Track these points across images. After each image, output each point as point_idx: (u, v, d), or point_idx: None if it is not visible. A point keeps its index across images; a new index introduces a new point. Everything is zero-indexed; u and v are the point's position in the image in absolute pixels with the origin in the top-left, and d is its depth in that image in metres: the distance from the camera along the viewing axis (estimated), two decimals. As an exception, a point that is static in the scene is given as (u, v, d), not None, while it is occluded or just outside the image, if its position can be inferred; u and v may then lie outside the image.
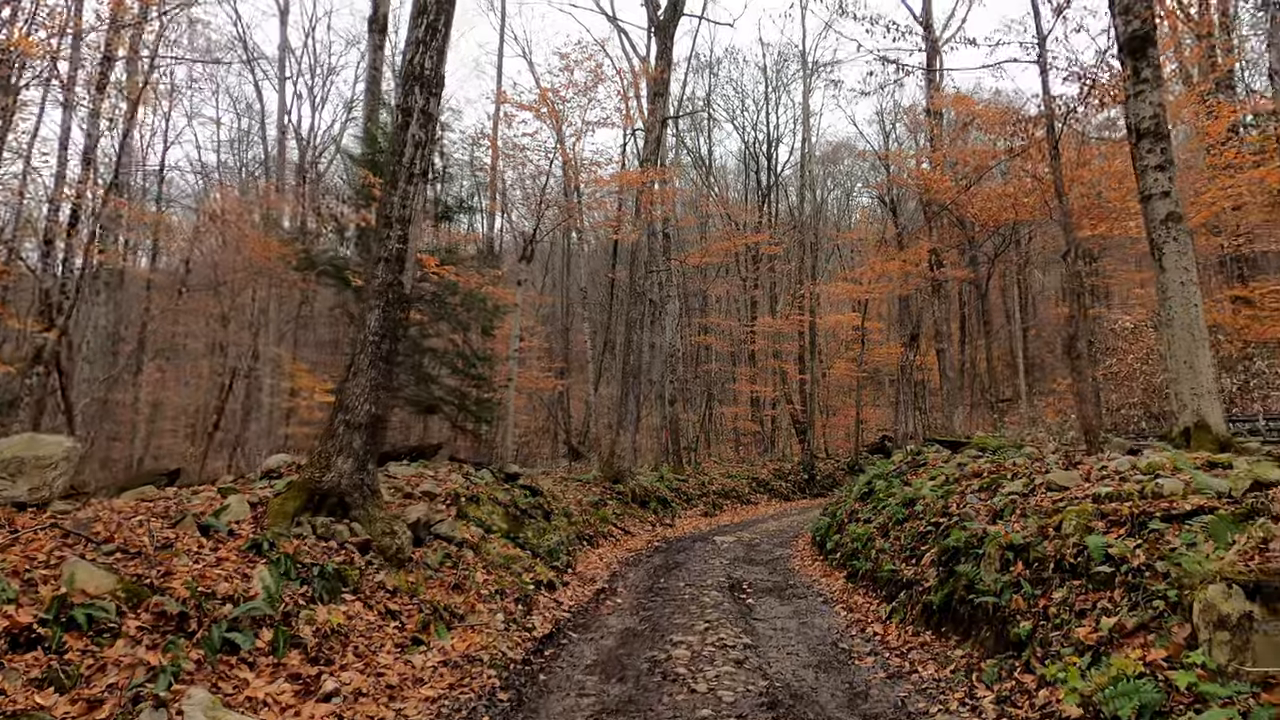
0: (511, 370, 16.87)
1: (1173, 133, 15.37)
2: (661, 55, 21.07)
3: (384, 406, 7.49)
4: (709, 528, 18.91)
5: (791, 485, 27.60)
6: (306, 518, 6.75)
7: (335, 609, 5.77)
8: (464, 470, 11.90)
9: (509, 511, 10.57)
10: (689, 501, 21.84)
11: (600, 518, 15.84)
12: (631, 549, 14.97)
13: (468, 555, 8.19)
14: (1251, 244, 16.74)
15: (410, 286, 7.72)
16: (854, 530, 11.21)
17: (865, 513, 11.66)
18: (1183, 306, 7.16)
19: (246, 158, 35.63)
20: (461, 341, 15.45)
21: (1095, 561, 5.06)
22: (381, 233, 7.57)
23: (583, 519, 14.82)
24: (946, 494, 8.98)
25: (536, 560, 10.11)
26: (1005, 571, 5.95)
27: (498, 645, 6.41)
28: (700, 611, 8.76)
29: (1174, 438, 7.19)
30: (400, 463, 11.64)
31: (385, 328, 7.44)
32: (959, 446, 12.71)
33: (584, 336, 27.11)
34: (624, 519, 17.60)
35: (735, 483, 25.20)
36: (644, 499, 19.43)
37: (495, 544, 9.29)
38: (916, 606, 7.17)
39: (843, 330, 35.55)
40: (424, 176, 7.74)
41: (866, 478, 13.84)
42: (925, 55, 23.12)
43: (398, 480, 9.97)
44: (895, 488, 11.55)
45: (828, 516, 14.19)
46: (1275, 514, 4.50)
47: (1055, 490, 6.74)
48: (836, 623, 8.13)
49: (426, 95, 7.72)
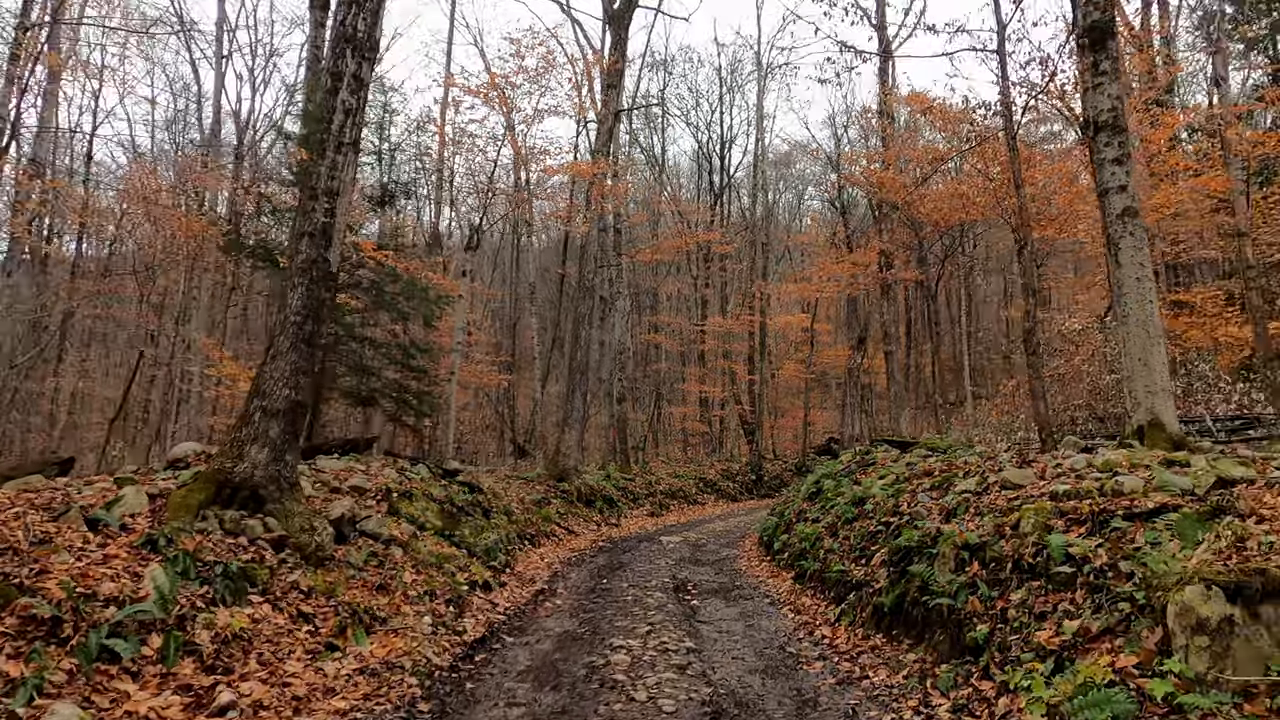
0: (454, 364, 16.28)
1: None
2: (615, 46, 20.68)
3: (306, 392, 6.92)
4: (655, 528, 18.57)
5: (739, 486, 27.45)
6: (214, 512, 6.17)
7: (239, 612, 5.23)
8: (399, 465, 11.32)
9: (444, 509, 10.04)
10: (635, 501, 21.47)
11: (543, 516, 15.36)
12: (575, 549, 14.52)
13: (396, 554, 7.66)
14: (1189, 251, 17.08)
15: (337, 264, 7.17)
16: (802, 530, 10.96)
17: (813, 512, 11.42)
18: (1138, 303, 7.04)
19: (183, 140, 34.14)
20: (402, 332, 14.84)
21: (1055, 561, 4.82)
22: (306, 205, 7.01)
23: (525, 518, 14.32)
24: (897, 493, 8.77)
25: (472, 560, 9.61)
26: (960, 572, 5.69)
27: (423, 650, 5.92)
28: (643, 614, 8.38)
29: (1127, 437, 7.06)
30: (331, 456, 11.00)
31: (308, 307, 6.88)
32: (908, 447, 12.58)
33: (531, 332, 26.54)
34: (568, 518, 17.14)
35: (682, 483, 24.92)
36: (589, 498, 18.99)
37: (428, 542, 8.77)
38: (867, 608, 6.89)
39: (792, 332, 35.63)
40: (355, 147, 7.21)
41: (815, 477, 13.65)
42: (879, 59, 23.23)
43: (325, 474, 9.36)
44: (844, 487, 11.35)
45: (775, 516, 13.96)
46: (1242, 511, 4.30)
47: (1010, 489, 6.53)
48: (784, 625, 7.82)
49: (359, 59, 7.19)
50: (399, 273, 13.63)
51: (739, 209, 37.73)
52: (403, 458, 12.52)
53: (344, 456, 11.67)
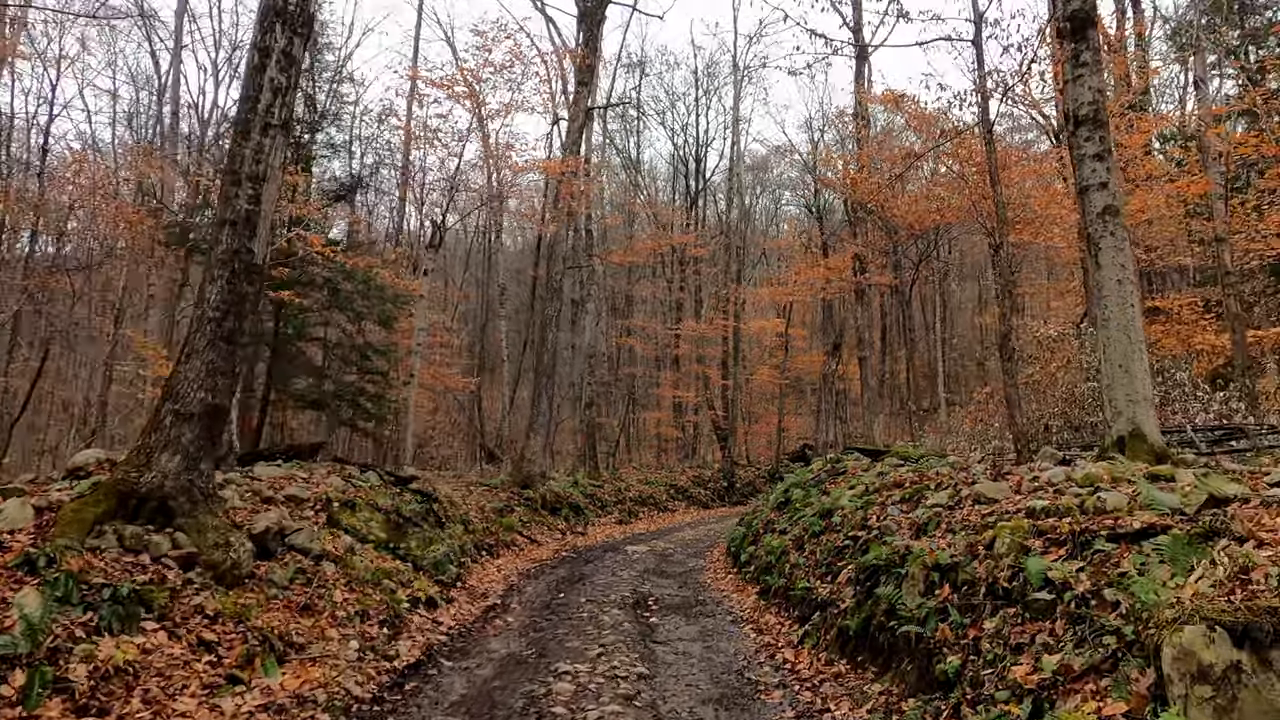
0: (415, 366, 15.66)
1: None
2: (587, 42, 20.20)
3: (224, 394, 6.34)
4: (623, 536, 18.05)
5: (711, 493, 26.99)
6: (114, 526, 5.57)
7: (128, 641, 4.65)
8: (346, 473, 10.72)
9: (390, 519, 9.46)
10: (604, 508, 20.92)
11: (504, 526, 14.78)
12: (536, 559, 13.98)
13: (328, 570, 7.09)
14: (1162, 258, 16.90)
15: (263, 255, 6.60)
16: (769, 542, 10.50)
17: (781, 523, 10.97)
18: (1119, 306, 6.65)
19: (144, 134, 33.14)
20: (357, 333, 14.22)
21: (1033, 587, 4.38)
22: (228, 191, 6.43)
23: (483, 527, 13.74)
24: (866, 505, 8.33)
25: (419, 574, 9.03)
26: (930, 595, 5.24)
27: (343, 681, 5.37)
28: (597, 633, 7.86)
29: (1107, 448, 6.66)
30: (273, 463, 10.39)
31: (228, 302, 6.30)
32: (879, 455, 12.18)
33: (500, 335, 25.93)
34: (531, 527, 16.57)
35: (653, 489, 24.41)
36: (555, 505, 18.43)
37: (368, 556, 8.19)
38: (831, 630, 6.43)
39: (767, 337, 35.29)
40: (284, 129, 6.64)
41: (784, 486, 13.21)
42: (855, 61, 22.98)
43: (260, 483, 8.76)
44: (813, 497, 10.91)
45: (743, 527, 13.50)
46: (1239, 534, 3.87)
47: (984, 503, 6.10)
48: (745, 647, 7.34)
49: (290, 34, 6.63)
50: (355, 271, 13.02)
51: (715, 212, 37.40)
52: (353, 464, 11.91)
53: (289, 463, 11.06)
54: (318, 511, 8.67)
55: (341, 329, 13.78)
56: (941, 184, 15.07)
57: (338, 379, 13.36)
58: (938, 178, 16.56)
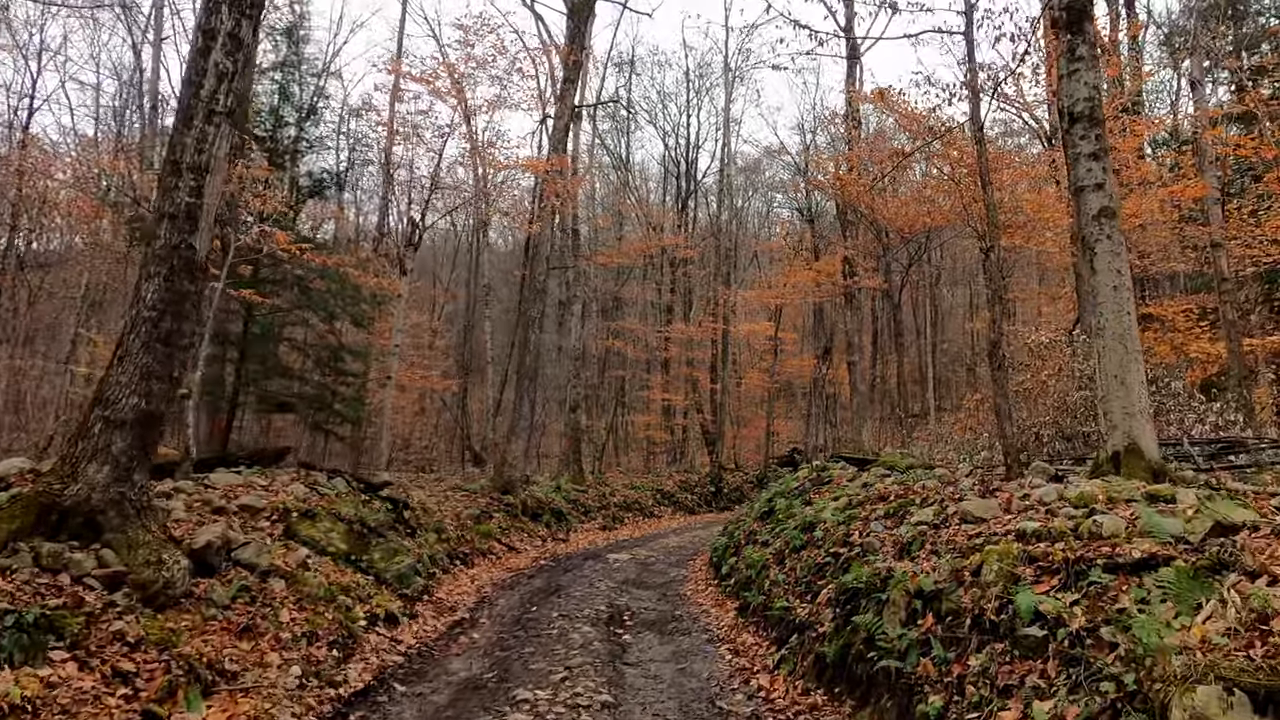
0: (392, 367, 15.22)
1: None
2: (574, 39, 19.79)
3: (159, 400, 5.91)
4: (606, 543, 17.66)
5: (698, 498, 26.61)
6: (33, 543, 5.14)
7: (30, 674, 4.22)
8: (311, 479, 10.28)
9: (353, 529, 9.03)
10: (587, 514, 20.51)
11: (481, 533, 14.36)
12: (513, 568, 13.56)
13: (276, 587, 6.66)
14: (1155, 265, 16.61)
15: (206, 251, 6.17)
16: (750, 555, 10.12)
17: (763, 534, 10.59)
18: (1115, 314, 6.29)
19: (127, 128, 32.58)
20: (329, 333, 13.78)
21: (1023, 621, 4.00)
22: (167, 182, 6.01)
23: (458, 535, 13.31)
24: (849, 519, 7.95)
25: (381, 588, 8.61)
26: (912, 624, 4.86)
27: (276, 713, 4.95)
28: (565, 653, 7.46)
29: (1101, 463, 6.30)
30: (233, 470, 9.94)
31: (166, 302, 5.87)
32: (866, 464, 11.82)
33: (486, 336, 25.48)
34: (511, 534, 16.15)
35: (639, 494, 24.01)
36: (536, 511, 18.02)
37: (325, 570, 7.77)
38: (809, 656, 6.04)
39: (757, 340, 34.92)
40: (229, 117, 6.22)
41: (768, 494, 12.84)
42: (847, 62, 22.67)
43: (213, 492, 8.33)
44: (796, 508, 10.53)
45: (726, 536, 13.12)
46: (1250, 568, 3.50)
47: (971, 522, 5.73)
48: (719, 670, 6.95)
49: (237, 15, 6.21)
50: (328, 269, 12.58)
51: (707, 214, 37.02)
52: (321, 470, 11.46)
53: (251, 469, 10.62)
54: (274, 522, 8.24)
55: (315, 329, 13.33)
56: (932, 186, 14.73)
57: (309, 381, 12.91)
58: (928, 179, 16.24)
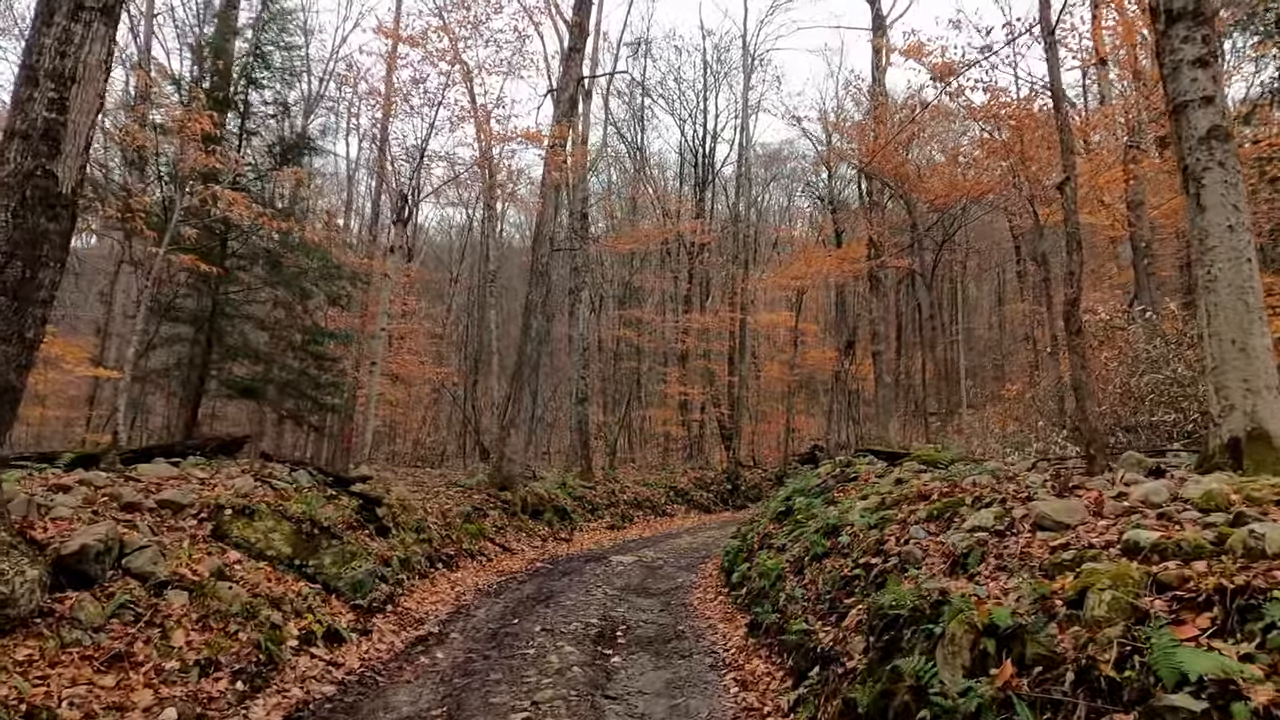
0: (377, 352, 14.01)
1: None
2: (580, 6, 18.52)
3: (8, 368, 4.67)
4: (611, 544, 16.36)
5: (713, 496, 25.21)
6: None
7: None
8: (265, 471, 9.06)
9: (301, 529, 7.77)
10: (594, 512, 19.23)
11: (470, 533, 13.11)
12: (505, 571, 12.31)
13: (174, 602, 5.41)
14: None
15: (74, 183, 4.91)
16: (764, 562, 8.75)
17: (780, 538, 9.23)
18: (1231, 261, 4.88)
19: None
20: (303, 313, 12.57)
21: (1166, 685, 2.63)
22: (21, 93, 4.76)
23: (442, 535, 12.07)
24: (882, 522, 6.57)
25: (330, 598, 7.36)
26: (981, 672, 3.49)
27: (116, 780, 3.69)
28: (537, 680, 6.17)
29: (1212, 454, 4.89)
30: (172, 460, 8.75)
31: (15, 243, 4.63)
32: (897, 459, 10.43)
33: (490, 325, 24.26)
34: (506, 533, 14.90)
35: (651, 491, 22.67)
36: (536, 509, 16.76)
37: (254, 579, 6.52)
38: (834, 700, 4.68)
39: (777, 332, 33.47)
40: (107, 15, 4.96)
41: (786, 492, 11.48)
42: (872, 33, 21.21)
43: (132, 485, 7.13)
44: (817, 508, 9.17)
45: (739, 539, 11.77)
46: None
47: (1050, 529, 4.35)
48: (721, 709, 5.60)
49: (115, -114, 4.95)
50: (300, 243, 11.36)
51: (726, 205, 35.50)
52: (285, 462, 10.26)
53: (199, 459, 9.43)
54: (201, 521, 7.01)
55: (291, 310, 12.13)
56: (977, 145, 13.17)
57: (281, 364, 11.72)
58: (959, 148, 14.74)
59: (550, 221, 18.09)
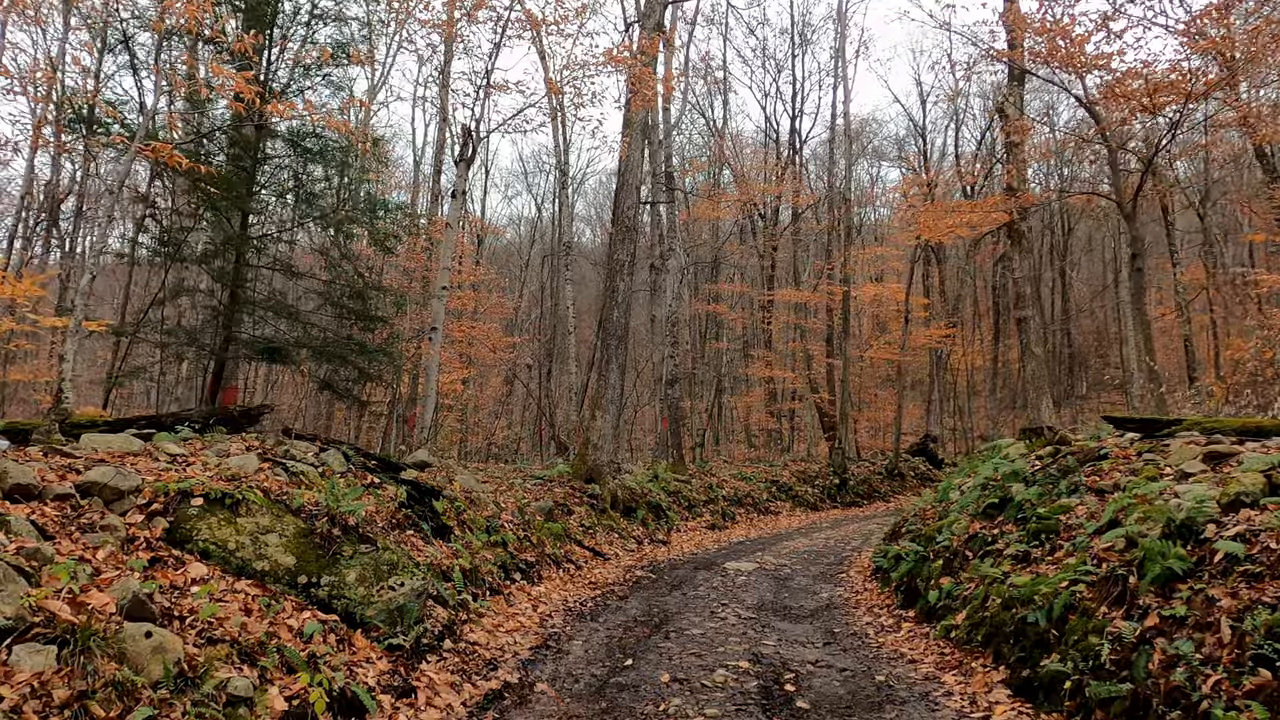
0: (438, 316, 11.51)
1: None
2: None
3: None
4: (717, 547, 13.56)
5: (819, 492, 22.03)
6: None
7: None
8: (278, 450, 6.56)
9: (314, 530, 5.18)
10: (691, 509, 16.45)
11: (554, 534, 10.48)
12: (599, 582, 9.65)
13: (21, 668, 2.82)
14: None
15: None
16: (986, 572, 5.78)
17: (1013, 543, 6.22)
18: None
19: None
20: (341, 259, 10.09)
21: None
22: None
23: (521, 536, 9.45)
24: None
25: (353, 635, 4.73)
26: None
27: None
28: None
29: None
30: (145, 432, 6.30)
31: None
32: (1156, 429, 7.29)
33: (567, 300, 21.69)
34: (595, 534, 12.25)
35: (750, 486, 19.73)
36: (629, 505, 14.08)
37: (209, 611, 3.93)
38: None
39: (881, 308, 29.95)
40: None
41: (980, 479, 8.43)
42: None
43: (51, 461, 4.66)
44: (1069, 500, 6.15)
45: (911, 541, 8.79)
46: None
47: None
48: None
49: None
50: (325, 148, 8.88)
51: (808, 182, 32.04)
52: (312, 439, 7.76)
53: (201, 433, 7.00)
54: (151, 516, 4.47)
55: (321, 253, 9.69)
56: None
57: (316, 324, 9.30)
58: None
59: (637, 168, 15.36)
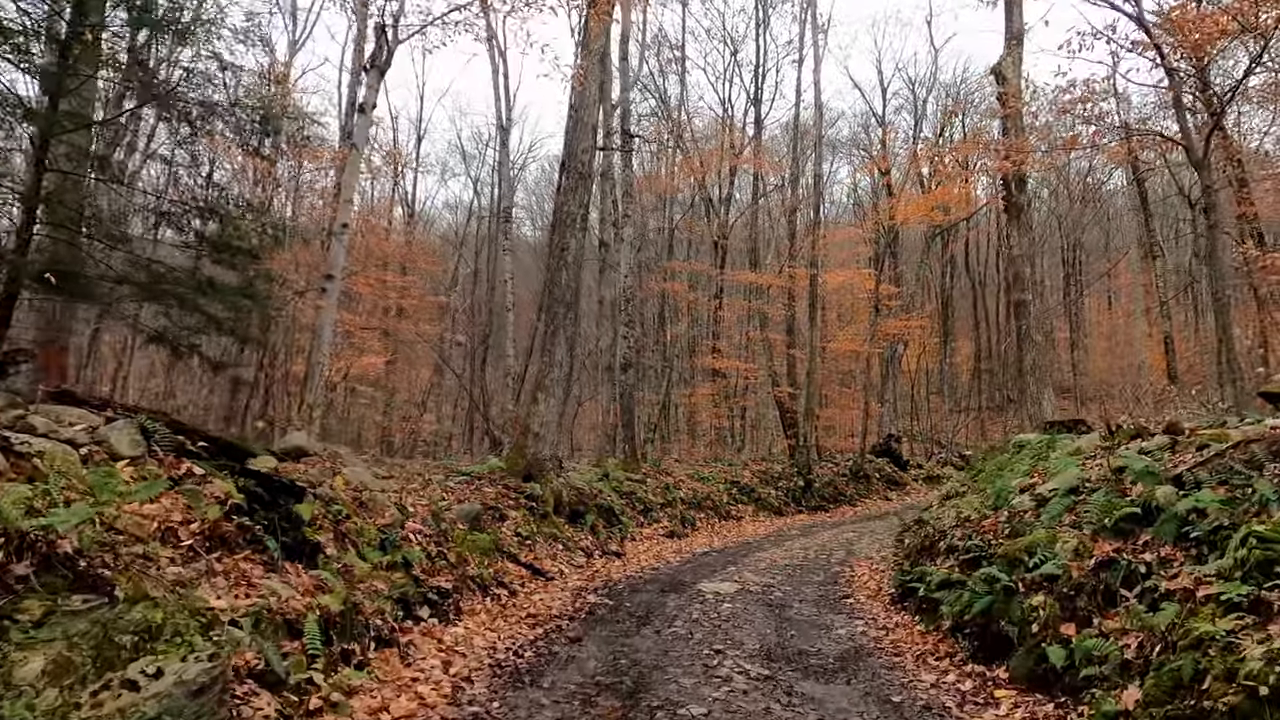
0: (335, 261, 8.82)
1: None
2: None
3: None
4: (680, 559, 11.16)
5: (783, 494, 19.80)
6: None
7: None
8: (11, 417, 3.90)
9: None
10: (647, 514, 14.04)
11: (480, 548, 7.91)
12: (541, 615, 7.13)
13: None
14: None
15: None
16: (1202, 637, 3.51)
17: (1214, 581, 3.95)
18: None
19: None
20: (191, 167, 7.30)
21: None
22: None
23: (434, 553, 6.86)
24: None
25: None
26: None
27: None
28: None
29: None
30: None
31: None
32: None
33: (505, 275, 19.03)
34: (535, 545, 9.72)
35: (709, 488, 17.37)
36: (576, 509, 11.58)
37: None
38: None
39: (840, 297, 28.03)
40: None
41: (1065, 480, 6.21)
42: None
43: None
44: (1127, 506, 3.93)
45: (986, 565, 6.52)
46: None
47: None
48: None
49: None
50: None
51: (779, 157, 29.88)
52: (104, 405, 5.04)
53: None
54: None
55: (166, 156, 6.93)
56: None
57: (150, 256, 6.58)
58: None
59: (593, 105, 12.85)
